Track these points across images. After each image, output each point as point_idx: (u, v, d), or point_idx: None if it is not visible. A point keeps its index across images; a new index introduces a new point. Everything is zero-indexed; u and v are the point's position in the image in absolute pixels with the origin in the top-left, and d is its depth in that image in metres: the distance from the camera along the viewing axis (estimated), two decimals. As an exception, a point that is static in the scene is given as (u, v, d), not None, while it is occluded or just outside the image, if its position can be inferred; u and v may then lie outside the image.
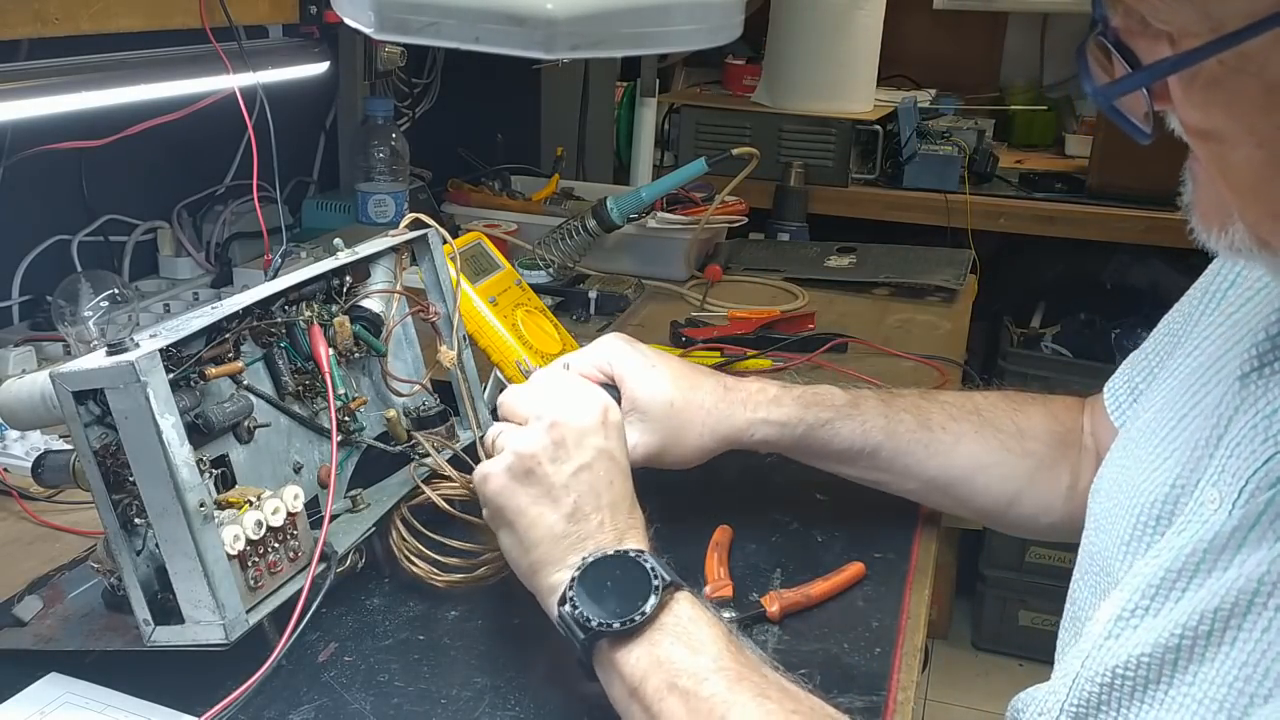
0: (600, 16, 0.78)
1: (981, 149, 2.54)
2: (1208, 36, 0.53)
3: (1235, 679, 0.60)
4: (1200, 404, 0.73)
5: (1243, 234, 0.59)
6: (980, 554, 2.68)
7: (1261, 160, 0.55)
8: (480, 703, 0.77)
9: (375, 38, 0.90)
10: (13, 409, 0.81)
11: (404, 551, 0.88)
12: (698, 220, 1.73)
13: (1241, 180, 0.57)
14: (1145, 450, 0.77)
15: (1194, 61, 0.54)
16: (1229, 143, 0.56)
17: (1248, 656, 0.60)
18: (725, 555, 0.95)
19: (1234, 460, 0.66)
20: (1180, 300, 0.88)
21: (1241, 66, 0.53)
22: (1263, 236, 0.59)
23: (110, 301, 1.31)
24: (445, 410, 1.01)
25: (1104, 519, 0.78)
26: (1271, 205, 0.57)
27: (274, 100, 1.41)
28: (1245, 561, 0.62)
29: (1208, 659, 0.62)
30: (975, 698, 2.54)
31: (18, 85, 1.15)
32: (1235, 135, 0.56)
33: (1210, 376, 0.74)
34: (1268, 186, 0.56)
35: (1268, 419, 0.65)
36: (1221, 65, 0.54)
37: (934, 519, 1.05)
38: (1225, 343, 0.75)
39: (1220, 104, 0.55)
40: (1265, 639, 0.59)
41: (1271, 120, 0.54)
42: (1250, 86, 0.54)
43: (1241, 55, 0.53)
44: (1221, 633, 0.61)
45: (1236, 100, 0.55)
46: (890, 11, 2.48)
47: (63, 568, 0.90)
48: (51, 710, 0.74)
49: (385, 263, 0.99)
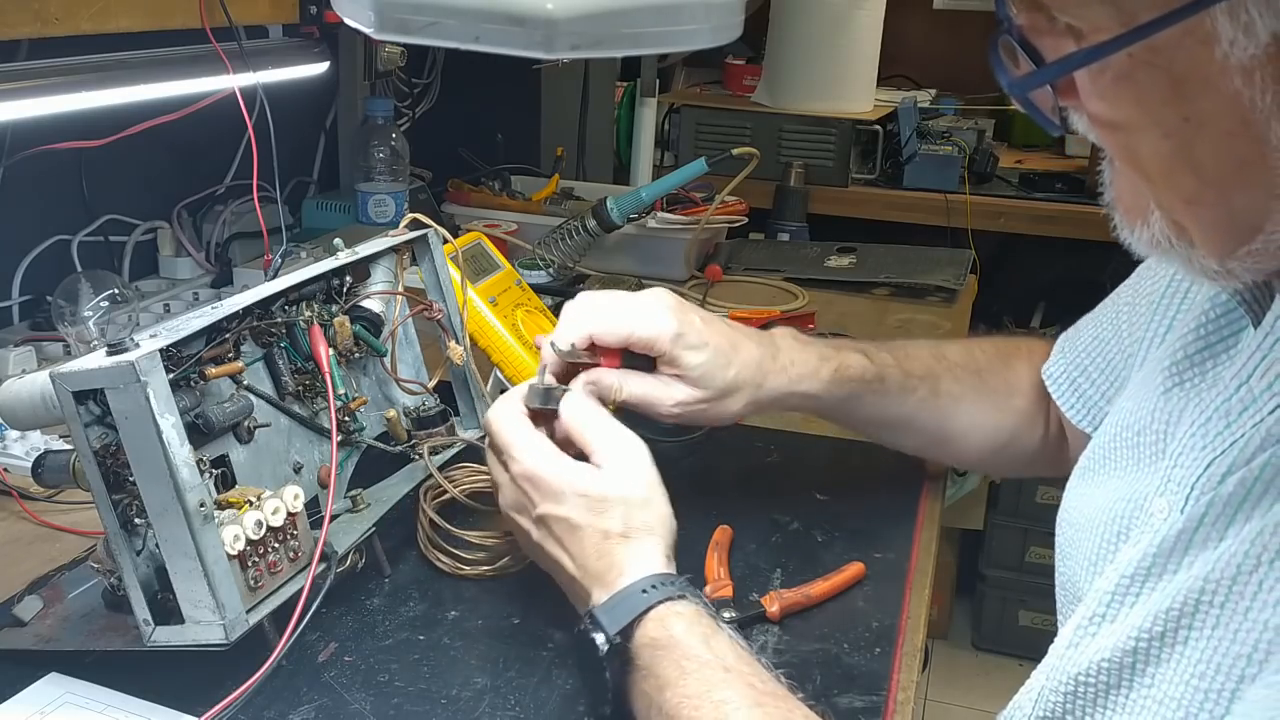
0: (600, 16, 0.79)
1: (981, 149, 2.54)
2: (1118, 30, 0.54)
3: (1191, 676, 0.61)
4: (1140, 417, 0.76)
5: (1161, 224, 0.61)
6: (980, 554, 2.68)
7: (1169, 150, 0.56)
8: (480, 703, 0.77)
9: (375, 38, 0.90)
10: (13, 409, 0.81)
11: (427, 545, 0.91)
12: (698, 220, 1.73)
13: (1151, 170, 0.59)
14: (1098, 474, 0.79)
15: (1105, 54, 0.55)
16: (1136, 134, 0.57)
17: (1200, 654, 0.61)
18: (725, 555, 0.95)
19: (1178, 470, 0.68)
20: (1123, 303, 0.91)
21: (1150, 59, 0.54)
22: (1179, 221, 0.60)
23: (110, 301, 1.31)
24: (445, 410, 1.01)
25: (1068, 547, 0.80)
26: (1182, 192, 0.58)
27: (274, 100, 1.41)
28: (1194, 563, 0.63)
29: (1164, 660, 0.63)
30: (975, 698, 2.54)
31: (18, 85, 1.15)
32: (1142, 127, 0.57)
33: (1145, 394, 0.77)
34: (1177, 175, 0.57)
35: (1202, 427, 0.67)
36: (1131, 58, 0.55)
37: (934, 519, 1.06)
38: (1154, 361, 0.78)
39: (1128, 97, 0.56)
40: (1215, 635, 0.60)
41: (1177, 111, 0.55)
42: (1158, 79, 0.55)
43: (1151, 48, 0.54)
44: (1174, 633, 0.62)
45: (1144, 93, 0.55)
46: (890, 11, 2.48)
47: (63, 568, 0.90)
48: (51, 710, 0.74)
49: (385, 263, 0.99)
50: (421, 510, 0.92)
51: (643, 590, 0.74)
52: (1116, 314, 0.92)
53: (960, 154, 2.44)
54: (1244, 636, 0.59)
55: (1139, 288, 0.89)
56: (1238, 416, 0.65)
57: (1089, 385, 0.94)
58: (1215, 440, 0.65)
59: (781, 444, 1.18)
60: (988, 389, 1.02)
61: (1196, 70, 0.53)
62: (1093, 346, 0.94)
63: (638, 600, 0.73)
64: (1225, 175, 0.56)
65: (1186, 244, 0.60)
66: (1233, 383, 0.66)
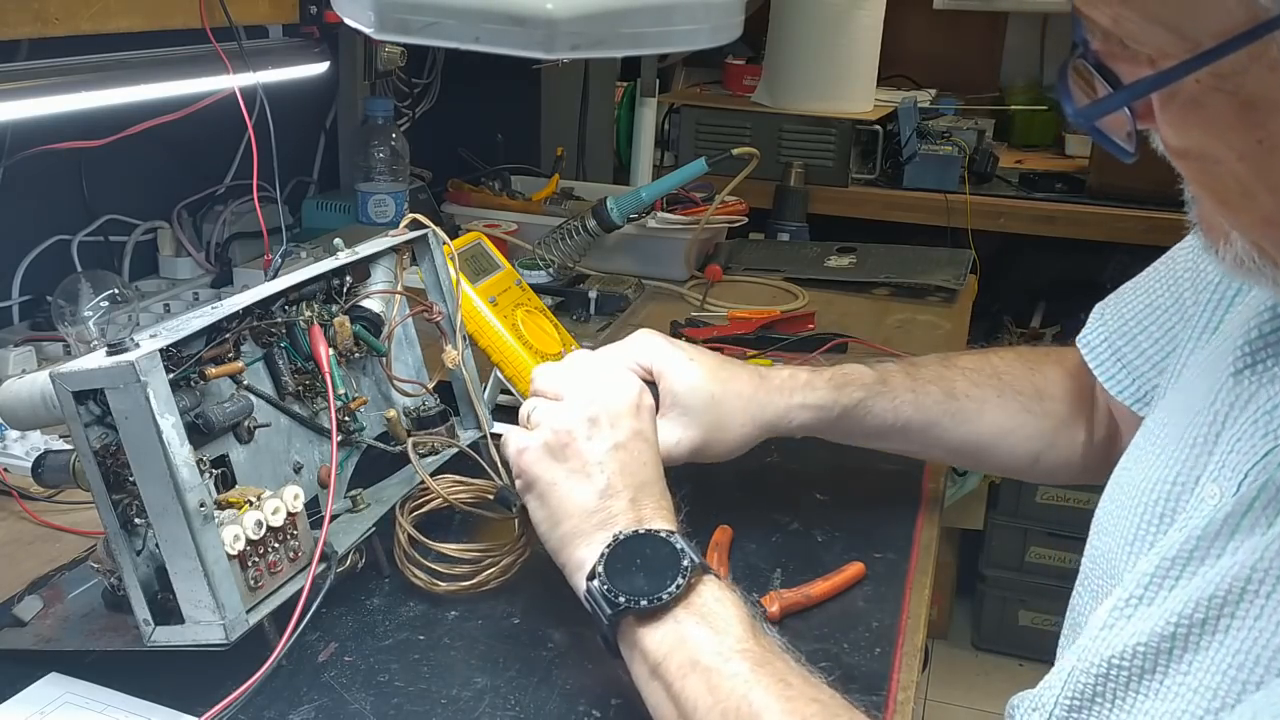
0: (600, 16, 0.78)
1: (981, 149, 2.53)
2: (1183, 56, 0.54)
3: (1229, 666, 0.60)
4: (1197, 401, 0.74)
5: (1242, 245, 0.60)
6: (980, 554, 2.68)
7: (1245, 173, 0.56)
8: (480, 703, 0.77)
9: (375, 38, 0.90)
10: (13, 409, 0.81)
11: (403, 560, 0.89)
12: (698, 220, 1.73)
13: (1228, 193, 0.58)
14: (1147, 452, 0.77)
15: (1170, 80, 0.55)
16: (1210, 159, 0.57)
17: (1240, 644, 0.60)
18: (725, 555, 0.95)
19: (1234, 456, 0.66)
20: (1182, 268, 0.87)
21: (1217, 85, 0.54)
22: (1260, 245, 0.59)
23: (110, 301, 1.31)
24: (445, 410, 1.01)
25: (1107, 522, 0.79)
26: (1262, 212, 0.58)
27: (274, 100, 1.41)
28: (1239, 549, 0.62)
29: (1203, 647, 0.63)
30: (975, 698, 2.54)
31: (18, 85, 1.15)
32: (1216, 152, 0.56)
33: (1206, 373, 0.75)
34: (1255, 199, 0.57)
35: (1268, 414, 0.65)
36: (1198, 84, 0.54)
37: (934, 519, 1.06)
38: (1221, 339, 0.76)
39: (1198, 123, 0.56)
40: (1258, 626, 0.59)
41: (1250, 135, 0.55)
42: (1226, 104, 0.54)
43: (1216, 73, 0.53)
44: (1216, 620, 0.62)
45: (1214, 118, 0.55)
46: (890, 11, 2.48)
47: (63, 568, 0.90)
48: (51, 710, 0.74)
49: (385, 263, 0.99)
50: (399, 524, 0.89)
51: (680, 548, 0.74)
52: (1175, 280, 0.87)
53: (960, 154, 2.44)
54: None
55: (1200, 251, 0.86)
56: None
57: (1136, 354, 0.89)
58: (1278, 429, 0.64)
59: (781, 444, 1.18)
60: (1012, 391, 0.99)
61: (1266, 93, 0.53)
62: (1145, 314, 0.89)
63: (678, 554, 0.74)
64: None
65: (1270, 264, 0.60)
66: None
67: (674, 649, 0.70)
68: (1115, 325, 0.91)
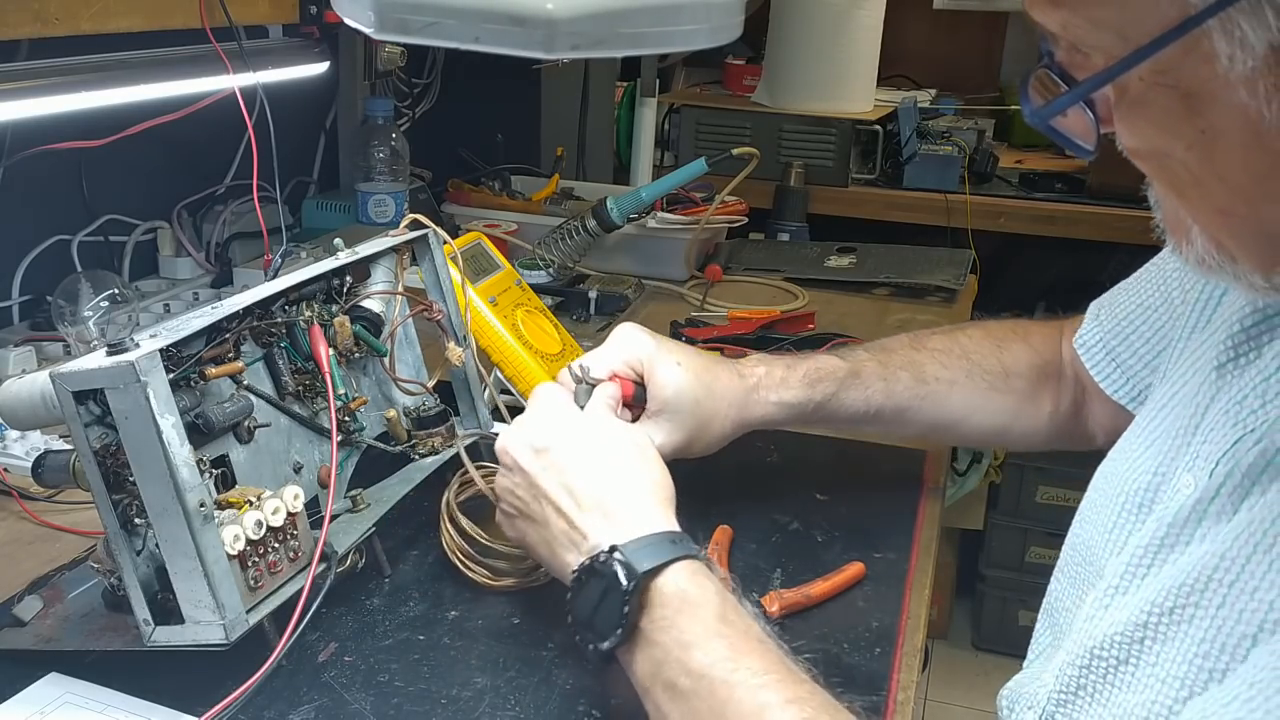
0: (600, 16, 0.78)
1: (981, 149, 2.53)
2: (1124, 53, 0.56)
3: (1195, 655, 0.61)
4: (1180, 394, 0.76)
5: (1202, 242, 0.62)
6: (980, 554, 2.68)
7: (1194, 162, 0.58)
8: (480, 703, 0.77)
9: (375, 38, 0.90)
10: (13, 409, 0.81)
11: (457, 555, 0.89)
12: (698, 220, 1.73)
13: (1183, 185, 0.60)
14: (1133, 445, 0.79)
15: (1114, 76, 0.57)
16: (1163, 154, 0.60)
17: (1205, 632, 0.61)
18: (725, 555, 0.95)
19: (1207, 446, 0.68)
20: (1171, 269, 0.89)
21: (1158, 80, 0.56)
22: (1218, 239, 0.61)
23: (110, 301, 1.31)
24: (445, 410, 1.01)
25: (1090, 512, 0.80)
26: (1214, 202, 0.60)
27: (274, 100, 1.41)
28: (1206, 536, 0.64)
29: (1171, 637, 0.63)
30: (975, 698, 2.54)
31: (18, 85, 1.15)
32: (1166, 146, 0.59)
33: (1192, 368, 0.76)
34: (1206, 186, 0.59)
35: (1238, 404, 0.67)
36: (1141, 81, 0.57)
37: (934, 519, 1.06)
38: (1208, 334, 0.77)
39: (1147, 118, 0.59)
40: (1221, 614, 0.60)
41: (1194, 125, 0.57)
42: (1168, 98, 0.57)
43: (1155, 69, 0.56)
44: (1181, 609, 0.63)
45: (1160, 113, 0.58)
46: (890, 11, 2.48)
47: (63, 568, 0.90)
48: (51, 710, 0.74)
49: (386, 263, 0.99)
50: (450, 518, 0.90)
51: (671, 540, 0.73)
52: (1164, 280, 0.90)
53: (960, 154, 2.44)
54: (1249, 616, 0.59)
55: None
56: (1275, 396, 0.65)
57: (1129, 354, 0.92)
58: (1249, 418, 0.65)
59: (781, 444, 1.18)
60: (980, 371, 1.03)
61: (1203, 86, 0.55)
62: (1136, 314, 0.92)
63: (668, 547, 0.72)
64: (1249, 186, 0.57)
65: (1229, 259, 0.62)
66: (1274, 361, 0.66)
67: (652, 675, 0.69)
68: (1110, 326, 0.94)
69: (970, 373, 1.03)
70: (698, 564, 0.72)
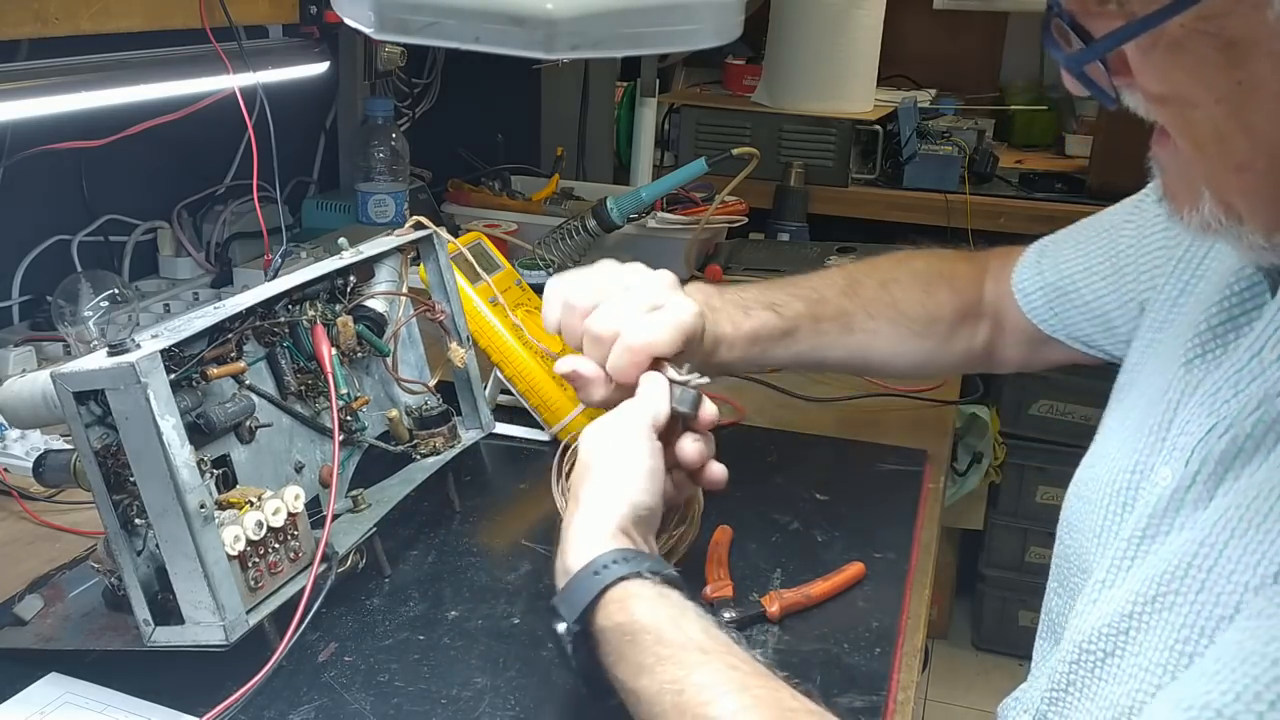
0: (600, 16, 0.78)
1: (981, 149, 2.53)
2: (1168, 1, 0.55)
3: (1175, 641, 0.62)
4: (1153, 393, 0.76)
5: (1210, 205, 0.61)
6: (980, 554, 2.68)
7: (1223, 115, 0.57)
8: (480, 703, 0.77)
9: (375, 38, 0.90)
10: (13, 409, 0.81)
11: None
12: (698, 220, 1.73)
13: (1204, 138, 0.59)
14: (1108, 448, 0.80)
15: (1157, 23, 0.56)
16: (1190, 103, 0.58)
17: (1184, 619, 0.61)
18: (725, 555, 0.95)
19: (1182, 438, 0.69)
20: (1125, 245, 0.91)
21: (1201, 27, 0.55)
22: (1229, 201, 0.61)
23: (110, 301, 1.31)
24: (447, 410, 1.01)
25: (1075, 520, 0.81)
26: (1235, 158, 0.59)
27: (274, 100, 1.41)
28: (1185, 525, 0.64)
29: (1154, 625, 0.64)
30: (975, 698, 2.54)
31: (18, 85, 1.14)
32: (1195, 96, 0.58)
33: (1161, 367, 0.77)
34: (1230, 141, 0.58)
35: (1211, 396, 0.68)
36: (1182, 28, 0.56)
37: (934, 519, 1.06)
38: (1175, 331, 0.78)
39: (1181, 66, 0.57)
40: (1199, 600, 0.61)
41: (1230, 76, 0.56)
42: (1209, 46, 0.55)
43: (1201, 16, 0.55)
44: (1165, 597, 0.63)
45: (1196, 61, 0.56)
46: (890, 11, 2.48)
47: (63, 567, 0.90)
48: (51, 710, 0.74)
49: (389, 263, 0.99)
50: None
51: (594, 572, 0.68)
52: (1115, 252, 0.91)
53: (960, 154, 2.44)
54: (1226, 599, 0.59)
55: (1144, 232, 0.89)
56: (1246, 385, 0.65)
57: (1073, 310, 0.95)
58: (1221, 408, 0.66)
59: (781, 444, 1.18)
60: (904, 319, 1.05)
61: (1248, 34, 0.54)
62: (1080, 276, 0.94)
63: (589, 583, 0.68)
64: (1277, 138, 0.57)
65: (1235, 221, 0.61)
66: (1245, 353, 0.67)
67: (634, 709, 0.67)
68: (1051, 279, 0.97)
69: (895, 321, 1.04)
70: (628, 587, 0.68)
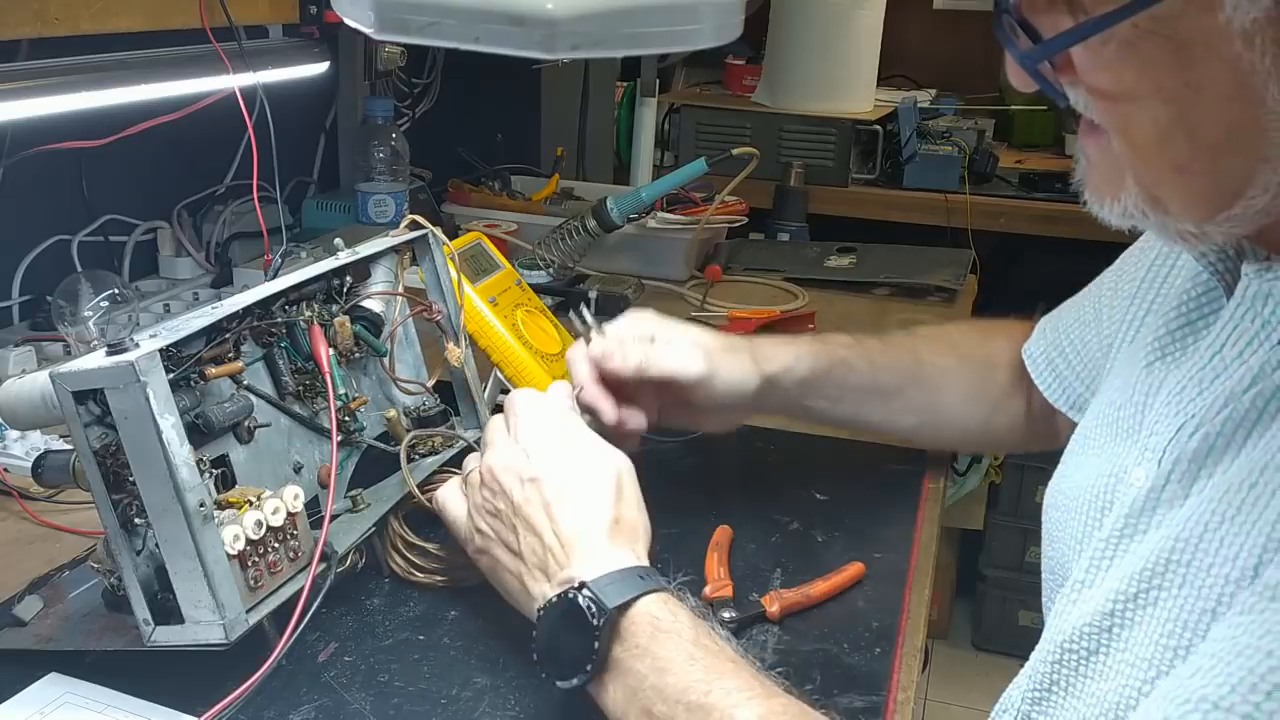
0: (600, 16, 0.78)
1: (981, 149, 2.53)
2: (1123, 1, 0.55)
3: (1161, 636, 0.62)
4: (1119, 398, 0.77)
5: (1135, 197, 0.62)
6: (980, 554, 2.68)
7: (1168, 117, 0.57)
8: (480, 703, 0.77)
9: (375, 38, 0.90)
10: (13, 409, 0.81)
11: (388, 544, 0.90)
12: (698, 220, 1.73)
13: (1145, 138, 0.59)
14: (1080, 455, 0.81)
15: (1111, 24, 0.56)
16: (1135, 103, 0.58)
17: (1169, 613, 0.62)
18: (725, 555, 0.95)
19: (1154, 438, 0.70)
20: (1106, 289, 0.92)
21: (1154, 28, 0.55)
22: (1157, 195, 0.61)
23: (110, 301, 1.31)
24: (445, 410, 1.01)
25: (1055, 530, 0.81)
26: (1174, 159, 0.59)
27: (274, 100, 1.41)
28: (1163, 522, 0.65)
29: (1136, 622, 0.64)
30: (975, 698, 2.54)
31: (18, 85, 1.14)
32: (1143, 95, 0.57)
33: (1124, 373, 0.78)
34: (1172, 143, 0.58)
35: (1177, 395, 0.69)
36: (1135, 28, 0.55)
37: (934, 519, 1.06)
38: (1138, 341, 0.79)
39: (1131, 66, 0.57)
40: (1183, 594, 0.61)
41: (1179, 78, 0.56)
42: (1161, 46, 0.55)
43: (1154, 17, 0.55)
44: (1145, 594, 0.64)
45: (1147, 61, 0.56)
46: (890, 11, 2.48)
47: (63, 568, 0.90)
48: (51, 710, 0.74)
49: (386, 263, 0.99)
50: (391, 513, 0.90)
51: (640, 576, 0.72)
52: (1098, 299, 0.93)
53: (960, 154, 2.44)
54: (1208, 593, 0.60)
55: (1122, 273, 0.90)
56: (1210, 383, 0.67)
57: (1066, 367, 0.96)
58: (1188, 406, 0.67)
59: (781, 444, 1.18)
60: (970, 360, 1.05)
61: (1199, 36, 0.54)
62: (1072, 329, 0.96)
63: (636, 582, 0.71)
64: (1218, 140, 0.57)
65: (1162, 213, 0.61)
66: (1207, 352, 0.68)
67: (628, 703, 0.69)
68: (1051, 339, 0.98)
69: (961, 359, 1.05)
70: (667, 594, 0.72)
